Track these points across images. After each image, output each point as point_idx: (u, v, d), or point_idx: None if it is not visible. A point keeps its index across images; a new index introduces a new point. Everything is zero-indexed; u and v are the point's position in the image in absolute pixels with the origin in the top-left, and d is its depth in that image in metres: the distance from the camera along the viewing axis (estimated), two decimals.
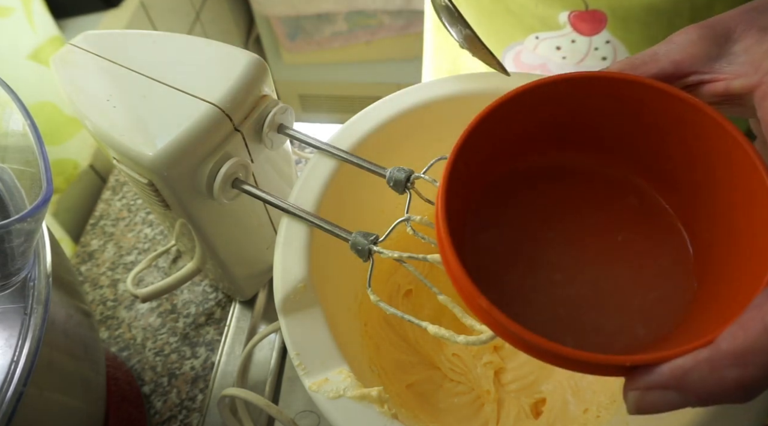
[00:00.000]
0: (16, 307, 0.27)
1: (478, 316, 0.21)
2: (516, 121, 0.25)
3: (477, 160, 0.24)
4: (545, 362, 0.20)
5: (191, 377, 0.47)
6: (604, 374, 0.20)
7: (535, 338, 0.19)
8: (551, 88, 0.24)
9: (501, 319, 0.19)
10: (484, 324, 0.21)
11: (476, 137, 0.23)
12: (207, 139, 0.33)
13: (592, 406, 0.37)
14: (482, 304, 0.20)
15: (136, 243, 0.57)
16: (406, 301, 0.45)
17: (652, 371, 0.19)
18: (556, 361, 0.20)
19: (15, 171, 0.29)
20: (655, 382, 0.19)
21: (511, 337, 0.20)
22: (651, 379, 0.19)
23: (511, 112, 0.24)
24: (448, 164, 0.23)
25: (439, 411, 0.40)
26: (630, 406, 0.20)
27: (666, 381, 0.18)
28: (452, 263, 0.21)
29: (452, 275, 0.22)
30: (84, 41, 0.39)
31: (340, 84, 1.42)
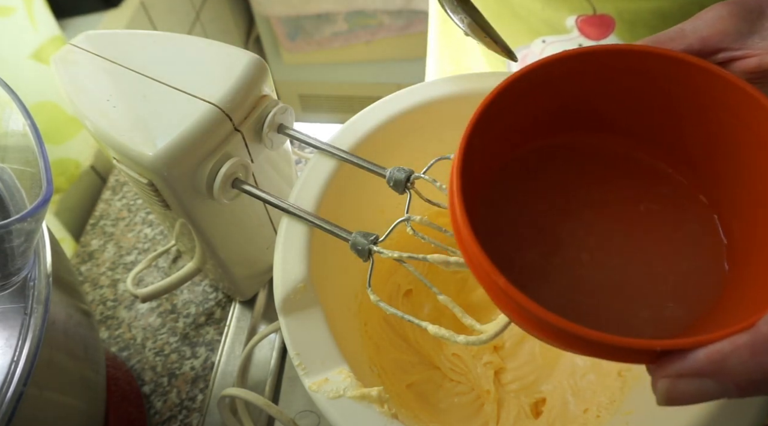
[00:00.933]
0: (16, 307, 0.27)
1: (494, 298, 0.20)
2: (531, 99, 0.24)
3: (491, 138, 0.23)
4: (566, 348, 0.18)
5: (191, 377, 0.47)
6: (631, 361, 0.18)
7: (556, 320, 0.17)
8: (570, 63, 0.22)
9: (519, 299, 0.18)
10: (499, 307, 0.20)
11: (491, 114, 0.22)
12: (207, 139, 0.33)
13: (592, 406, 0.37)
14: (499, 283, 0.18)
15: (136, 243, 0.57)
16: (406, 301, 0.45)
17: (685, 357, 0.17)
18: (578, 346, 0.18)
19: (15, 171, 0.29)
20: (689, 369, 0.17)
21: (528, 321, 0.19)
22: (685, 365, 0.17)
23: (527, 88, 0.23)
24: (463, 139, 0.21)
25: (439, 411, 0.40)
26: (660, 396, 0.18)
27: (702, 367, 0.17)
28: (467, 239, 0.19)
29: (467, 253, 0.20)
30: (84, 41, 0.39)
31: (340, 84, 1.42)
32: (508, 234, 0.25)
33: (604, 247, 0.24)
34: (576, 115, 0.25)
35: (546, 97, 0.24)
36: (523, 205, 0.25)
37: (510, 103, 0.23)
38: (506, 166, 0.26)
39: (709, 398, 0.17)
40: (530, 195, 0.25)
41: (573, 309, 0.22)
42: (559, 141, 0.26)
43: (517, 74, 0.22)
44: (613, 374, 0.37)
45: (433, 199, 0.32)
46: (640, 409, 0.32)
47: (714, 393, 0.17)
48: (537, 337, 0.21)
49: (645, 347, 0.17)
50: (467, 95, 0.37)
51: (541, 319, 0.18)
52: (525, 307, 0.18)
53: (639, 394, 0.33)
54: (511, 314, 0.19)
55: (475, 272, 0.20)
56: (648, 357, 0.18)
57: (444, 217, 0.43)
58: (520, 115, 0.24)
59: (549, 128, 0.26)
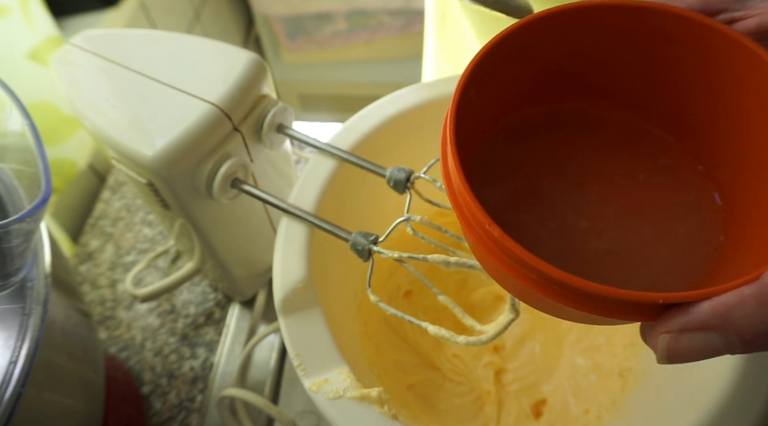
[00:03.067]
0: (15, 308, 0.27)
1: (484, 254, 0.19)
2: (530, 56, 0.23)
3: (488, 92, 0.22)
4: (565, 305, 0.18)
5: (190, 378, 0.47)
6: (632, 317, 0.17)
7: (555, 271, 0.17)
8: (570, 16, 0.21)
9: (515, 250, 0.17)
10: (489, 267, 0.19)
11: (489, 64, 0.21)
12: (206, 138, 0.33)
13: (593, 406, 0.37)
14: (494, 233, 0.18)
15: (135, 243, 0.57)
16: (406, 302, 0.45)
17: (688, 310, 0.16)
18: (577, 301, 0.17)
19: (14, 171, 0.29)
20: (692, 323, 0.16)
21: (525, 276, 0.18)
22: (688, 319, 0.16)
23: (526, 43, 0.22)
24: (458, 85, 0.20)
25: (440, 412, 0.40)
26: (661, 352, 0.17)
27: (706, 320, 0.16)
28: (458, 186, 0.19)
29: (457, 202, 0.20)
30: (83, 41, 0.39)
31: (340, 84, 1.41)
32: (503, 196, 0.24)
33: (602, 214, 0.23)
34: (575, 78, 0.25)
35: (544, 55, 0.23)
36: (519, 168, 0.25)
37: (508, 57, 0.22)
38: (502, 129, 0.25)
39: (712, 353, 0.17)
40: (527, 159, 0.25)
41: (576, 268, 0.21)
42: (557, 106, 0.26)
43: (515, 26, 0.21)
44: (615, 375, 0.37)
45: (433, 199, 0.32)
46: (641, 410, 0.32)
47: (718, 347, 0.16)
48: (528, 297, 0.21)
49: (647, 300, 0.16)
50: None
51: (537, 271, 0.17)
52: (520, 259, 0.17)
53: (640, 395, 0.33)
54: (502, 270, 0.19)
55: (465, 225, 0.19)
56: (649, 312, 0.17)
57: (444, 217, 0.43)
58: (518, 72, 0.24)
59: (546, 92, 0.25)
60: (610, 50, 0.23)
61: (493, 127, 0.25)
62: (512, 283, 0.21)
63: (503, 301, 0.45)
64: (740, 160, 0.22)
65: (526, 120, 0.26)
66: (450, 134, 0.20)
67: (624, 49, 0.23)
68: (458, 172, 0.19)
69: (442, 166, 0.21)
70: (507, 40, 0.21)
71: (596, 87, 0.25)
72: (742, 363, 0.26)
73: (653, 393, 0.32)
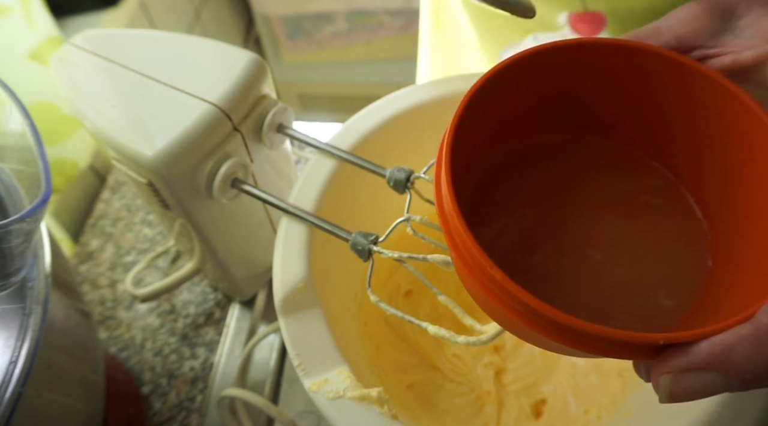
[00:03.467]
0: (15, 308, 0.27)
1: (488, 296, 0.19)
2: (516, 91, 0.24)
3: (478, 129, 0.23)
4: (566, 345, 0.18)
5: (190, 378, 0.47)
6: (632, 356, 0.18)
7: (557, 314, 0.17)
8: (552, 55, 0.22)
9: (518, 294, 0.17)
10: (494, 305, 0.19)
11: (479, 102, 0.22)
12: (206, 138, 0.33)
13: (593, 406, 0.37)
14: (496, 276, 0.18)
15: (135, 243, 0.57)
16: (406, 302, 0.45)
17: (688, 351, 0.17)
18: (577, 342, 0.18)
19: (14, 171, 0.29)
20: (693, 363, 0.16)
21: (524, 317, 0.18)
22: (688, 359, 0.16)
23: (512, 79, 0.23)
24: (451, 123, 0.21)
25: (440, 412, 0.40)
26: (663, 392, 0.18)
27: (706, 361, 0.16)
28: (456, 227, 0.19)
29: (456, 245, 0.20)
30: (83, 41, 0.39)
31: (340, 84, 1.41)
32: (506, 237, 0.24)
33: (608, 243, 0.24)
34: (565, 111, 0.25)
35: (530, 89, 0.24)
36: (516, 205, 0.25)
37: (496, 94, 0.23)
38: (492, 165, 0.26)
39: (713, 392, 0.17)
40: (523, 193, 0.25)
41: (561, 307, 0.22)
42: (545, 140, 0.26)
43: (503, 64, 0.22)
44: (614, 375, 0.37)
45: (433, 199, 0.32)
46: (641, 410, 0.32)
47: (719, 387, 0.17)
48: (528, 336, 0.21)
49: (647, 341, 0.17)
50: None
51: (539, 313, 0.17)
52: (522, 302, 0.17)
53: (640, 395, 0.33)
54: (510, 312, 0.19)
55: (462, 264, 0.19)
56: (650, 352, 0.17)
57: None
58: (506, 107, 0.24)
59: (535, 125, 0.26)
60: (599, 85, 0.24)
61: (486, 159, 0.26)
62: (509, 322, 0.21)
63: None
64: (723, 190, 0.23)
65: (520, 151, 0.26)
66: (445, 172, 0.20)
67: (610, 84, 0.24)
68: (455, 211, 0.19)
69: (437, 203, 0.21)
70: (500, 74, 0.22)
71: (586, 119, 0.26)
72: None
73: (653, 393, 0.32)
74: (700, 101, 0.22)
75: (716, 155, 0.23)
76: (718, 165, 0.23)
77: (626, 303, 0.22)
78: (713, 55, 0.22)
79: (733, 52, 0.21)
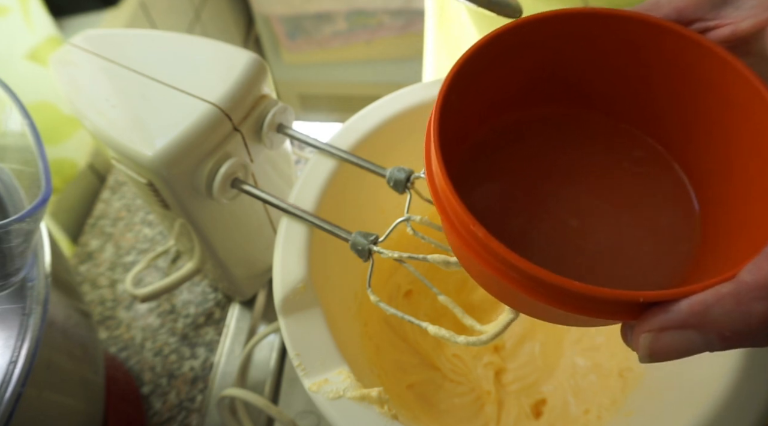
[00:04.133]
0: (15, 308, 0.27)
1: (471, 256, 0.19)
2: (509, 61, 0.23)
3: (469, 100, 0.23)
4: (547, 304, 0.18)
5: (190, 378, 0.47)
6: (614, 316, 0.18)
7: (537, 271, 0.17)
8: (547, 24, 0.22)
9: (499, 250, 0.17)
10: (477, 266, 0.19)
11: (470, 70, 0.21)
12: (206, 138, 0.33)
13: (593, 406, 0.37)
14: (478, 233, 0.18)
15: (135, 243, 0.57)
16: (406, 302, 0.45)
17: (668, 309, 0.17)
18: (560, 301, 0.18)
19: (14, 171, 0.29)
20: (672, 321, 0.17)
21: (508, 276, 0.18)
22: (667, 317, 0.17)
23: (505, 48, 0.22)
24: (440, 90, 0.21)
25: (440, 412, 0.40)
26: (642, 351, 0.18)
27: (685, 318, 0.16)
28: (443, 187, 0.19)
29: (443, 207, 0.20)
30: (83, 41, 0.39)
31: (340, 84, 1.41)
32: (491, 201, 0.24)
33: (590, 211, 0.24)
34: (555, 83, 0.25)
35: (519, 61, 0.24)
36: (505, 172, 0.25)
37: (491, 62, 0.22)
38: (484, 135, 0.26)
39: (692, 351, 0.17)
40: (512, 163, 0.25)
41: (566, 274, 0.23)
42: (537, 111, 0.26)
43: (493, 34, 0.22)
44: (614, 375, 0.37)
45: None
46: (641, 410, 0.32)
47: (697, 345, 0.17)
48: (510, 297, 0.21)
49: (627, 298, 0.17)
50: None
51: (519, 270, 0.17)
52: (504, 258, 0.17)
53: (640, 395, 0.33)
54: (486, 270, 0.19)
55: (449, 225, 0.20)
56: (630, 311, 0.17)
57: None
58: (500, 77, 0.24)
59: (527, 98, 0.26)
60: (590, 56, 0.24)
61: (475, 132, 0.26)
62: (495, 284, 0.21)
63: None
64: (714, 163, 0.22)
65: (508, 125, 0.26)
66: (434, 136, 0.20)
67: (602, 56, 0.23)
68: (442, 173, 0.19)
69: (426, 169, 0.21)
70: (490, 45, 0.22)
71: (575, 92, 0.25)
72: (742, 363, 0.26)
73: (653, 393, 0.32)
74: (695, 72, 0.22)
75: (709, 126, 0.22)
76: (711, 136, 0.22)
77: (609, 270, 0.22)
78: (713, 26, 0.22)
79: (733, 23, 0.21)
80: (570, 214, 0.24)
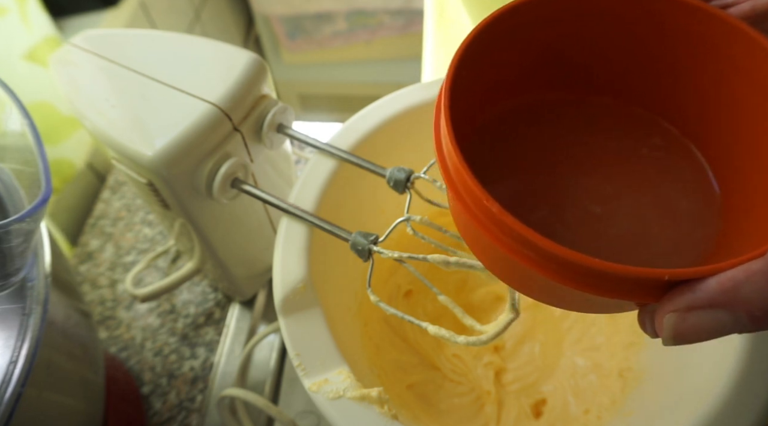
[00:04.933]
0: (15, 308, 0.27)
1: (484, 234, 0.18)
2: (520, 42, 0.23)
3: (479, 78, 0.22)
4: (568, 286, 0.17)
5: (190, 378, 0.47)
6: (634, 297, 0.17)
7: (559, 249, 0.16)
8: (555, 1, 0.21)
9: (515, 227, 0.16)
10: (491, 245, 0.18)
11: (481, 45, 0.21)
12: (206, 138, 0.33)
13: (593, 406, 0.37)
14: (492, 209, 0.17)
15: (135, 243, 0.57)
16: (406, 302, 0.45)
17: (695, 288, 0.16)
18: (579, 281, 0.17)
19: (14, 171, 0.29)
20: (699, 300, 0.16)
21: (524, 256, 0.17)
22: (695, 296, 0.16)
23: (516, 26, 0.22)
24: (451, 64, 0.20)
25: (440, 412, 0.40)
26: (667, 333, 0.17)
27: (713, 297, 0.15)
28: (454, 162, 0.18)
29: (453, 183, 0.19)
30: (83, 41, 0.39)
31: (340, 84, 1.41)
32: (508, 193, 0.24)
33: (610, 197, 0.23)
34: (567, 65, 0.25)
35: (536, 39, 0.23)
36: (519, 159, 0.24)
37: (500, 38, 0.22)
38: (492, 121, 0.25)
39: (721, 332, 0.16)
40: (526, 149, 0.24)
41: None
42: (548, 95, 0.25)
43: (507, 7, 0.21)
44: (614, 375, 0.37)
45: (433, 199, 0.32)
46: (641, 410, 0.32)
47: (726, 325, 0.16)
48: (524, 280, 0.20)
49: (652, 276, 0.16)
50: None
51: (538, 248, 0.16)
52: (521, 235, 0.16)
53: (640, 395, 0.33)
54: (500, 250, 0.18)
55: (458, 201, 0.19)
56: (653, 290, 0.17)
57: (444, 217, 0.43)
58: (510, 56, 0.23)
59: (537, 80, 0.25)
60: (603, 35, 0.23)
61: (481, 116, 0.25)
62: (508, 266, 0.20)
63: (503, 301, 0.45)
64: (736, 145, 0.22)
65: (518, 109, 0.25)
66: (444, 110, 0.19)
67: (616, 34, 0.23)
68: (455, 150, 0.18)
69: (436, 147, 0.20)
70: (499, 21, 0.21)
71: (588, 74, 0.25)
72: (742, 363, 0.26)
73: (653, 393, 0.32)
74: (714, 48, 0.21)
75: (730, 106, 0.22)
76: (732, 116, 0.22)
77: (630, 255, 0.21)
78: (732, 2, 0.21)
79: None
80: (593, 201, 0.23)
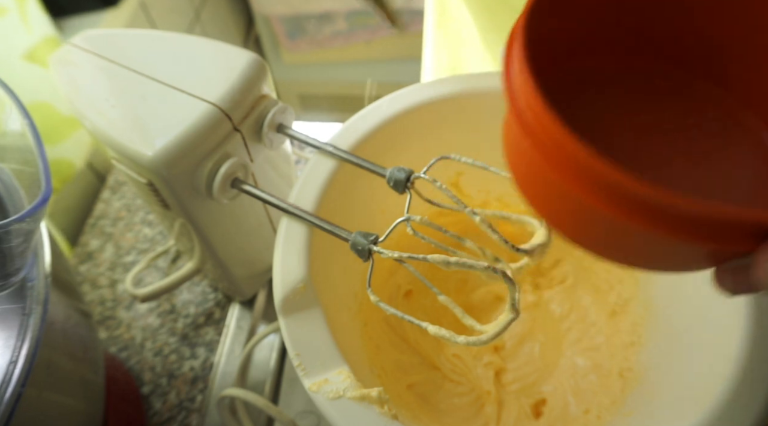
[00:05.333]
0: (15, 308, 0.27)
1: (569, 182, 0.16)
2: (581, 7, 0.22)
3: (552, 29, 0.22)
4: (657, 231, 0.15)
5: (190, 378, 0.47)
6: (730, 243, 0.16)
7: (652, 189, 0.14)
8: None
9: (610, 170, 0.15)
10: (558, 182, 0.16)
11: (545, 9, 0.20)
12: (206, 138, 0.33)
13: (592, 407, 0.37)
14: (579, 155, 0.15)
15: (135, 243, 0.57)
16: (406, 302, 0.45)
17: None
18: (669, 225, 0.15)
19: (14, 171, 0.29)
20: None
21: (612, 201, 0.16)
22: None
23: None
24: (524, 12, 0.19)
25: (440, 412, 0.40)
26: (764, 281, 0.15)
27: None
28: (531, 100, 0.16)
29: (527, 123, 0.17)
30: (83, 41, 0.39)
31: (340, 84, 1.41)
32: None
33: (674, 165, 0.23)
34: (631, 31, 0.24)
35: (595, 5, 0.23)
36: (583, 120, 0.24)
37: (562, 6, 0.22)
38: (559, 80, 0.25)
39: None
40: (591, 111, 0.24)
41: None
42: (612, 60, 0.25)
43: None
44: (615, 375, 0.37)
45: (433, 199, 0.32)
46: (641, 410, 0.32)
47: None
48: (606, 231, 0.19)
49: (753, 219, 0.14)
50: (467, 95, 0.37)
51: (631, 190, 0.15)
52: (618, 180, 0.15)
53: (640, 395, 0.33)
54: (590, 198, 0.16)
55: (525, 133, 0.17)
56: (751, 236, 0.15)
57: (444, 217, 0.43)
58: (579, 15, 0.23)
59: (601, 46, 0.25)
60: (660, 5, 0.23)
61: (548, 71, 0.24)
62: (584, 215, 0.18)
63: (503, 301, 0.45)
64: None
65: (583, 73, 0.25)
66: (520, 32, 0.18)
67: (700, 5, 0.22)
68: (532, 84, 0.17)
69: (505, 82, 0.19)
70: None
71: (650, 41, 0.24)
72: (742, 362, 0.26)
73: (653, 393, 0.32)
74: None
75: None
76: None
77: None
78: None
79: None
80: (648, 167, 0.22)
